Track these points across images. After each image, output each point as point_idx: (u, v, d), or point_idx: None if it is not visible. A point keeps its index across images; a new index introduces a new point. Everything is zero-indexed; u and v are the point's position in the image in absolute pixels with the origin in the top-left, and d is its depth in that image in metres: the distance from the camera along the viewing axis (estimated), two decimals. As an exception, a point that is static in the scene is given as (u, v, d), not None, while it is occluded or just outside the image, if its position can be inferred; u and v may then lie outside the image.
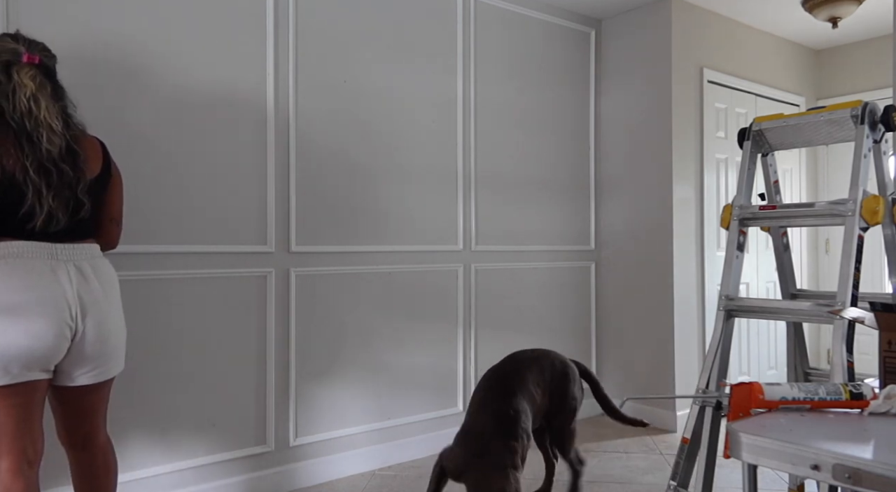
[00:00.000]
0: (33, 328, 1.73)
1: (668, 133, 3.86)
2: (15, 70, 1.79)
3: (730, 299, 2.20)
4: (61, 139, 1.83)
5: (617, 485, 2.97)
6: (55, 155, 1.80)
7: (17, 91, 1.78)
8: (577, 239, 4.12)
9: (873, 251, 3.55)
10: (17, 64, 1.80)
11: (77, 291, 1.81)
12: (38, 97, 1.81)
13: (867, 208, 1.94)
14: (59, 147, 1.82)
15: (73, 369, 1.86)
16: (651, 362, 3.93)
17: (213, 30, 2.76)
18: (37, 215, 1.77)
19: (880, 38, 4.61)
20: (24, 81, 1.79)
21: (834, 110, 2.07)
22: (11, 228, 1.77)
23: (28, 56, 1.82)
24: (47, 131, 1.80)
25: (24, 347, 1.72)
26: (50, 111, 1.82)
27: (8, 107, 1.78)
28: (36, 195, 1.76)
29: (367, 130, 3.21)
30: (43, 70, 1.85)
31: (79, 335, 1.82)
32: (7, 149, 1.75)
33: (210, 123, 2.74)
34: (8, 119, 1.77)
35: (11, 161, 1.75)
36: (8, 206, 1.75)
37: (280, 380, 2.92)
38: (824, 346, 4.83)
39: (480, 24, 3.65)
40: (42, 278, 1.76)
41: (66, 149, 1.84)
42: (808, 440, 1.12)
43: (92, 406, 1.96)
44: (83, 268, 1.85)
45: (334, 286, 3.09)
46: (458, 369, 3.53)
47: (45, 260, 1.78)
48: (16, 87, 1.78)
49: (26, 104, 1.78)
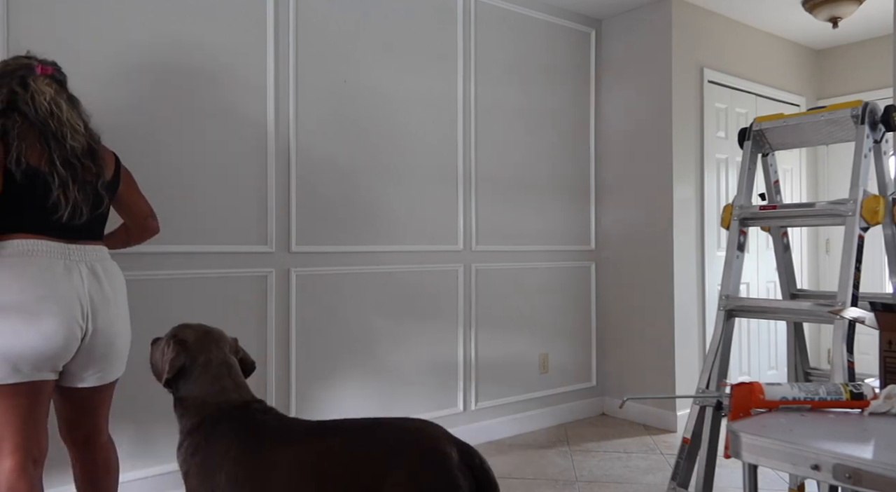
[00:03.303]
0: (46, 328, 1.74)
1: (668, 133, 3.86)
2: (31, 79, 1.85)
3: (730, 299, 2.20)
4: (84, 138, 1.89)
5: (617, 485, 2.97)
6: (79, 151, 1.86)
7: (36, 97, 1.84)
8: (577, 239, 4.12)
9: (873, 251, 3.55)
10: (32, 75, 1.86)
11: (89, 292, 1.83)
12: (57, 100, 1.87)
13: (867, 208, 1.94)
14: (82, 145, 1.87)
15: (80, 370, 1.87)
16: (651, 362, 3.93)
17: (213, 30, 2.76)
18: (62, 208, 1.80)
19: (880, 38, 4.61)
20: (41, 88, 1.85)
21: (834, 110, 2.07)
22: (35, 222, 1.79)
23: (41, 68, 1.88)
24: (70, 130, 1.85)
25: (36, 348, 1.73)
26: (71, 113, 1.89)
27: (30, 111, 1.82)
28: (62, 188, 1.80)
29: (367, 129, 3.21)
30: (56, 80, 1.92)
31: (88, 336, 1.83)
32: (32, 144, 1.79)
33: (211, 123, 2.74)
34: (32, 120, 1.81)
35: (36, 155, 1.79)
36: (34, 199, 1.78)
37: (280, 380, 2.92)
38: (824, 346, 4.83)
39: (480, 24, 3.65)
40: (56, 278, 1.77)
41: (87, 147, 1.90)
42: (808, 440, 1.12)
43: (95, 406, 1.97)
44: (95, 269, 1.88)
45: (334, 286, 3.09)
46: (458, 368, 3.53)
47: (58, 259, 1.80)
48: (34, 93, 1.84)
49: (47, 107, 1.84)
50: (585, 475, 3.08)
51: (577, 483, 2.98)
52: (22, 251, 1.76)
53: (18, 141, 1.77)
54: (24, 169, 1.77)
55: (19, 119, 1.80)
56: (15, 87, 1.83)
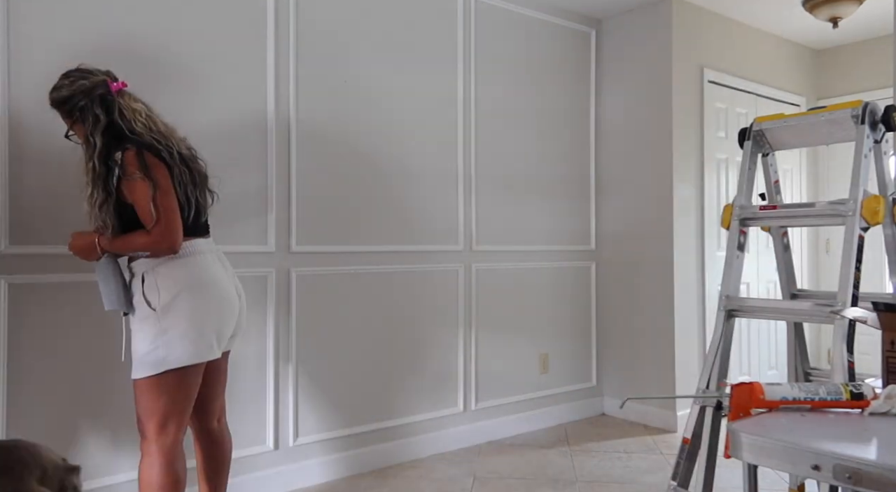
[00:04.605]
0: (234, 308, 2.07)
1: (668, 133, 3.86)
2: (114, 98, 1.94)
3: (730, 299, 2.20)
4: (183, 143, 2.07)
5: (617, 485, 2.97)
6: (187, 158, 2.04)
7: (130, 116, 1.94)
8: (577, 239, 4.12)
9: (873, 251, 3.54)
10: (110, 93, 1.94)
11: (231, 278, 2.15)
12: (150, 115, 2.00)
13: (868, 208, 1.94)
14: (187, 150, 2.06)
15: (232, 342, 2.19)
16: (651, 362, 3.93)
17: (213, 30, 2.76)
18: (203, 211, 2.09)
19: (880, 38, 4.61)
20: (131, 106, 1.97)
21: (834, 110, 2.07)
22: (189, 228, 2.00)
23: (115, 85, 1.97)
24: (176, 140, 2.03)
25: (230, 324, 2.06)
26: (165, 123, 2.04)
27: (126, 127, 1.93)
28: (194, 194, 2.02)
29: (367, 129, 3.20)
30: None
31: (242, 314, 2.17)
32: (156, 164, 1.91)
33: (210, 123, 2.74)
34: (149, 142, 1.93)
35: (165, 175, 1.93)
36: (182, 212, 1.97)
37: (280, 380, 2.92)
38: (825, 346, 4.82)
39: (480, 24, 3.65)
40: (220, 269, 2.08)
41: (190, 150, 2.08)
42: (808, 440, 1.12)
43: (223, 380, 2.24)
44: (222, 258, 2.16)
45: (334, 286, 3.09)
46: (458, 368, 3.53)
47: (213, 254, 2.10)
48: (123, 110, 1.94)
49: (144, 123, 1.96)
50: (585, 475, 3.08)
51: (577, 483, 2.98)
52: (195, 251, 2.02)
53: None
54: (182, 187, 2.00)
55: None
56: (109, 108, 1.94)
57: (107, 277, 1.96)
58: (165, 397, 1.92)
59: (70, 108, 1.92)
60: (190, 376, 1.96)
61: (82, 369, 2.43)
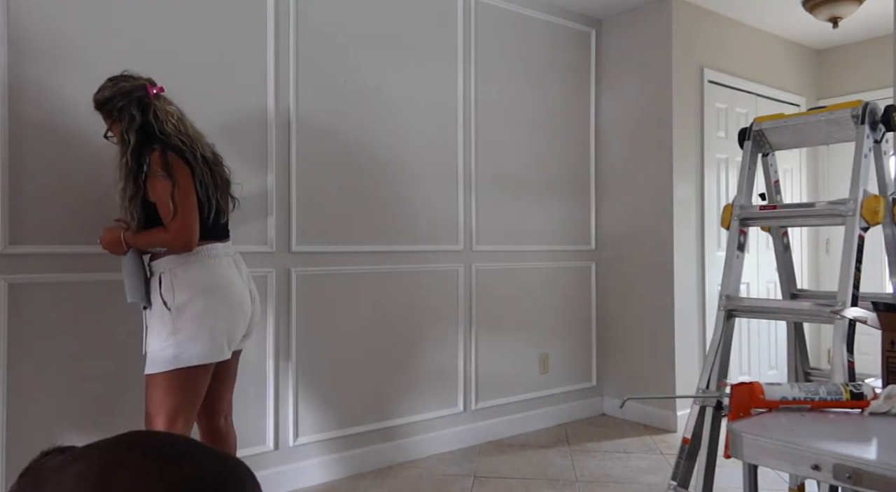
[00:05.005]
0: (247, 311, 2.12)
1: (668, 133, 3.86)
2: (150, 101, 2.02)
3: (730, 299, 2.20)
4: (209, 147, 2.13)
5: (617, 485, 2.97)
6: (211, 161, 2.10)
7: (162, 117, 2.01)
8: (577, 239, 4.12)
9: (873, 251, 3.54)
10: (147, 96, 2.02)
11: (246, 281, 2.19)
12: (181, 118, 2.07)
13: (868, 208, 1.94)
14: (212, 154, 2.13)
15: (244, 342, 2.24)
16: (651, 362, 3.93)
17: (213, 30, 2.76)
18: (223, 214, 2.14)
19: (880, 38, 4.61)
20: (165, 108, 2.04)
21: (834, 110, 2.07)
22: (209, 230, 2.06)
23: (153, 89, 2.04)
24: (202, 144, 2.10)
25: (242, 327, 2.11)
26: (194, 127, 2.12)
27: (157, 128, 1.99)
28: (214, 196, 2.08)
29: (367, 129, 3.20)
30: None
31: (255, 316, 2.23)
32: (179, 164, 1.97)
33: (210, 123, 2.74)
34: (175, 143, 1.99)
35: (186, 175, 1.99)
36: (202, 212, 2.04)
37: (280, 380, 2.92)
38: (824, 346, 4.82)
39: (480, 23, 3.65)
40: (235, 273, 2.12)
41: (214, 155, 2.15)
42: (808, 440, 1.12)
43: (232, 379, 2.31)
44: (238, 261, 2.20)
45: (334, 286, 3.09)
46: (458, 368, 3.53)
47: (229, 257, 2.14)
48: (157, 112, 2.01)
49: (175, 126, 2.03)
50: (585, 475, 3.08)
51: (577, 483, 2.98)
52: (212, 254, 2.08)
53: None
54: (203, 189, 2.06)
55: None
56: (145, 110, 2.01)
57: (130, 272, 2.04)
58: (175, 394, 1.98)
59: (111, 108, 2.02)
60: (200, 374, 2.02)
61: (82, 369, 2.43)
